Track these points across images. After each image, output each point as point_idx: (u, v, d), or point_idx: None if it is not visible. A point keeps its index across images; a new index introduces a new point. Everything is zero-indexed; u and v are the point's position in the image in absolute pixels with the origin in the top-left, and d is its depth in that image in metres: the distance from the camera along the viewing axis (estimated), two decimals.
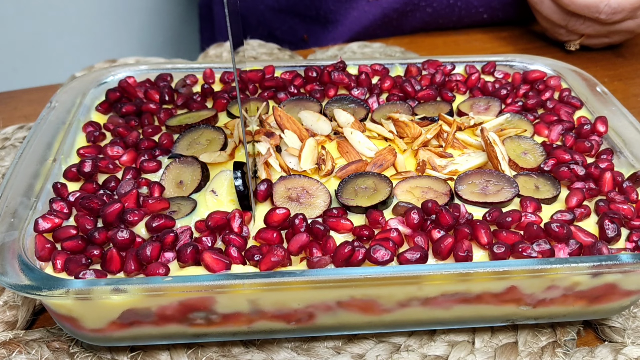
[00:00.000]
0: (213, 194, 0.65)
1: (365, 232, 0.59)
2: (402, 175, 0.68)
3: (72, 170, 0.67)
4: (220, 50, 1.18)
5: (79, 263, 0.56)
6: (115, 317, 0.56)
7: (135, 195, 0.62)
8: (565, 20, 1.13)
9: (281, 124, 0.72)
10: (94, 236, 0.58)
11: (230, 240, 0.58)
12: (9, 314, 0.64)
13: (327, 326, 0.60)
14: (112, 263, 0.56)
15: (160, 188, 0.66)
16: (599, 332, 0.65)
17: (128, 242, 0.58)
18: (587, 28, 1.13)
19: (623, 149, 0.73)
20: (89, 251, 0.57)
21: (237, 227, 0.60)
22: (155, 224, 0.59)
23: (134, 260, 0.56)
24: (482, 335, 0.63)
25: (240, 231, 0.60)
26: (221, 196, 0.65)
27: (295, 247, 0.58)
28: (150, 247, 0.56)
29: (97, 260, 0.58)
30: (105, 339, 0.58)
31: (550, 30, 1.19)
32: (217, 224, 0.60)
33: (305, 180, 0.66)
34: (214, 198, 0.65)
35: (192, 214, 0.63)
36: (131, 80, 0.84)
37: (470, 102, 0.83)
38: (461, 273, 0.54)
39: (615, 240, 0.60)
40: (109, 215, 0.59)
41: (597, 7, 1.06)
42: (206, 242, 0.59)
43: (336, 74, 0.85)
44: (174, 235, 0.58)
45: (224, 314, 0.57)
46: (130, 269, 0.56)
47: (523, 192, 0.66)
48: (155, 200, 0.62)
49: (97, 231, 0.58)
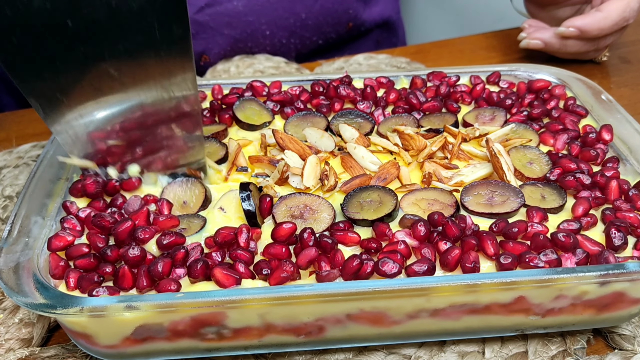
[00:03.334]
0: (221, 211, 0.66)
1: (373, 245, 0.60)
2: (407, 187, 0.69)
3: (78, 186, 0.68)
4: (228, 65, 1.20)
5: (92, 281, 0.58)
6: (129, 333, 0.57)
7: (146, 214, 0.64)
8: (595, 45, 1.12)
9: (283, 146, 0.73)
10: (106, 254, 0.59)
11: (237, 255, 0.59)
12: (24, 331, 0.65)
13: (337, 339, 0.61)
14: (124, 280, 0.57)
15: (169, 205, 0.67)
16: (609, 340, 0.65)
17: (139, 259, 0.59)
18: (613, 37, 1.12)
19: (629, 157, 0.73)
20: (102, 269, 0.59)
21: (243, 242, 0.61)
22: (166, 241, 0.61)
23: (146, 277, 0.57)
24: (492, 345, 0.64)
25: (247, 246, 0.61)
26: (229, 213, 0.66)
27: (305, 262, 0.58)
28: (161, 264, 0.57)
29: (110, 278, 0.59)
30: (119, 355, 0.59)
31: (579, 57, 1.18)
32: (225, 239, 0.61)
33: (306, 197, 0.67)
34: (222, 215, 0.66)
35: (202, 231, 0.64)
36: None
37: (475, 113, 0.83)
38: (469, 284, 0.55)
39: (622, 248, 0.61)
40: (121, 234, 0.61)
41: (624, 18, 1.06)
42: (216, 257, 0.60)
43: (342, 88, 0.86)
44: (184, 252, 0.59)
45: (235, 328, 0.58)
46: (142, 285, 0.57)
47: (529, 202, 0.66)
48: (166, 217, 0.63)
49: (109, 249, 0.60)
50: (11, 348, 0.63)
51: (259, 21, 1.21)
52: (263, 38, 1.23)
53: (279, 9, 1.21)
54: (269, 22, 1.22)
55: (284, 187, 0.70)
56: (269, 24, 1.22)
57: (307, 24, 1.25)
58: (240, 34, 1.22)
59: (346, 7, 1.28)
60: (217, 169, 0.72)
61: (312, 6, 1.23)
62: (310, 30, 1.26)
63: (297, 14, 1.22)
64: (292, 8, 1.21)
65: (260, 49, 1.25)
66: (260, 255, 0.61)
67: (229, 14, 1.20)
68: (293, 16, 1.22)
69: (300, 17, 1.23)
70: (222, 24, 1.20)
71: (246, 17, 1.20)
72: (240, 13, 1.20)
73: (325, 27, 1.28)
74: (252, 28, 1.21)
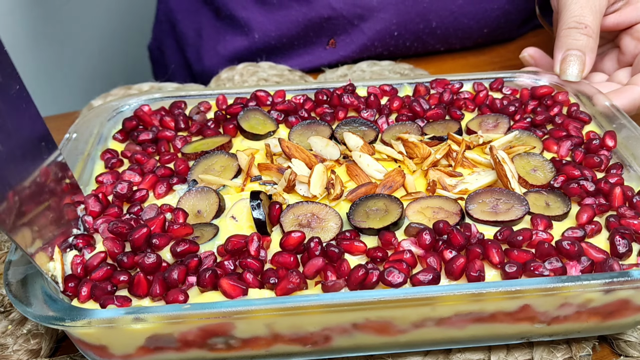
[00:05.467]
0: (233, 220, 0.67)
1: (379, 254, 0.60)
2: (412, 196, 0.69)
3: (92, 197, 0.69)
4: (232, 73, 1.20)
5: (105, 290, 0.58)
6: (140, 343, 0.57)
7: (163, 221, 0.64)
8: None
9: (290, 154, 0.74)
10: (122, 261, 0.60)
11: (247, 264, 0.60)
12: (32, 342, 0.65)
13: (343, 348, 0.61)
14: (139, 287, 0.58)
15: (184, 214, 0.67)
16: (615, 347, 0.65)
17: (155, 265, 0.59)
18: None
19: (632, 163, 0.73)
20: (116, 277, 0.59)
21: (254, 251, 0.61)
22: (180, 249, 0.61)
23: (160, 284, 0.58)
24: (498, 353, 0.64)
25: (257, 254, 0.61)
26: (241, 221, 0.67)
27: (312, 271, 0.59)
28: (177, 271, 0.58)
29: (123, 286, 0.59)
30: None
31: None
32: (235, 247, 0.61)
33: (313, 205, 0.67)
34: (234, 223, 0.66)
35: (215, 239, 0.65)
36: (146, 108, 0.87)
37: (479, 120, 0.84)
38: (473, 293, 0.55)
39: (626, 256, 0.61)
40: (137, 240, 0.61)
41: None
42: (228, 265, 0.60)
43: (346, 96, 0.86)
44: (198, 260, 0.60)
45: (242, 338, 0.58)
46: (155, 293, 0.58)
47: (533, 209, 0.67)
48: (180, 225, 0.64)
49: (125, 256, 0.60)
50: (20, 359, 0.64)
51: (390, 20, 1.22)
52: (390, 38, 1.25)
53: (412, 12, 1.22)
54: (399, 23, 1.23)
55: (291, 194, 0.71)
56: (399, 25, 1.23)
57: (435, 33, 1.26)
58: (369, 29, 1.23)
59: (483, 25, 1.28)
60: (235, 186, 0.72)
61: (446, 17, 1.23)
62: (435, 38, 1.27)
63: (428, 21, 1.23)
64: (425, 15, 1.22)
65: (384, 49, 1.27)
66: (269, 264, 0.61)
67: (362, 6, 1.21)
68: (424, 22, 1.23)
69: (430, 25, 1.24)
70: (354, 14, 1.22)
71: (378, 13, 1.21)
72: (374, 8, 1.21)
73: (453, 38, 1.28)
74: (381, 25, 1.22)
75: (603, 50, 1.04)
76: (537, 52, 1.03)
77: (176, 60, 1.45)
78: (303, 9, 1.24)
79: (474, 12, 1.25)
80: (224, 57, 1.32)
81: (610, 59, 1.02)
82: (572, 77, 0.90)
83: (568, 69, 0.90)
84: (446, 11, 1.23)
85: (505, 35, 1.34)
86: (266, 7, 1.27)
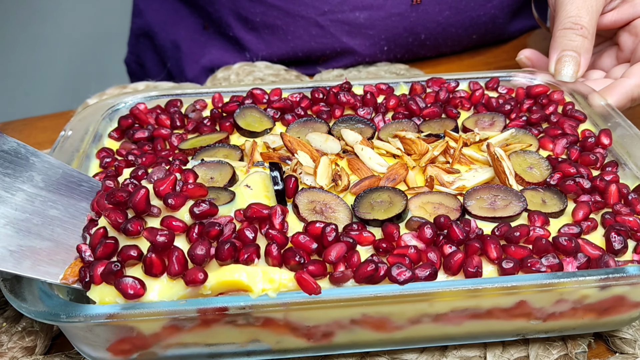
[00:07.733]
0: (247, 188, 0.66)
1: (384, 245, 0.60)
2: (414, 190, 0.69)
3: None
4: (228, 73, 1.20)
5: (110, 270, 0.55)
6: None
7: (174, 181, 0.61)
8: None
9: (292, 149, 0.74)
10: (127, 229, 0.57)
11: (273, 237, 0.59)
12: (27, 340, 0.65)
13: (340, 344, 0.61)
14: (153, 267, 0.55)
15: (194, 175, 0.66)
16: (610, 344, 0.65)
17: (169, 243, 0.56)
18: None
19: (627, 161, 0.74)
20: (124, 252, 0.56)
21: (278, 224, 0.61)
22: (199, 210, 0.59)
23: (178, 262, 0.55)
24: (494, 350, 0.64)
25: (282, 228, 0.61)
26: (256, 191, 0.66)
27: (338, 256, 0.58)
28: (201, 247, 0.56)
29: (134, 263, 0.57)
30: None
31: None
32: (256, 215, 0.60)
33: (326, 194, 0.67)
34: (249, 192, 0.66)
35: (232, 204, 0.63)
36: (142, 107, 0.86)
37: (474, 118, 0.84)
38: (470, 289, 0.55)
39: (622, 252, 0.61)
40: (139, 203, 0.58)
41: None
42: (249, 234, 0.58)
43: (342, 94, 0.86)
44: (219, 229, 0.58)
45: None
46: (174, 271, 0.55)
47: (530, 206, 0.67)
48: (195, 185, 0.62)
49: (129, 223, 0.57)
50: (14, 357, 0.63)
51: (378, 36, 1.22)
52: (380, 53, 1.25)
53: (400, 27, 1.22)
54: (388, 38, 1.23)
55: None
56: (388, 40, 1.23)
57: (425, 44, 1.26)
58: (359, 45, 1.23)
59: (471, 32, 1.29)
60: (241, 167, 0.72)
61: (434, 29, 1.24)
62: (426, 48, 1.28)
63: (417, 34, 1.23)
64: (413, 28, 1.22)
65: (376, 61, 1.27)
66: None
67: (349, 23, 1.21)
68: (412, 36, 1.23)
69: (419, 38, 1.24)
70: (342, 31, 1.22)
71: (367, 30, 1.22)
72: (361, 25, 1.21)
73: (443, 47, 1.29)
74: (370, 41, 1.23)
75: (602, 48, 1.05)
76: (533, 54, 1.03)
77: (157, 73, 1.44)
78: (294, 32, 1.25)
79: (461, 22, 1.25)
80: (206, 68, 1.32)
81: (608, 56, 1.02)
82: (567, 77, 0.91)
83: (563, 70, 0.91)
84: (433, 23, 1.23)
85: (495, 38, 1.35)
86: (255, 33, 1.28)
